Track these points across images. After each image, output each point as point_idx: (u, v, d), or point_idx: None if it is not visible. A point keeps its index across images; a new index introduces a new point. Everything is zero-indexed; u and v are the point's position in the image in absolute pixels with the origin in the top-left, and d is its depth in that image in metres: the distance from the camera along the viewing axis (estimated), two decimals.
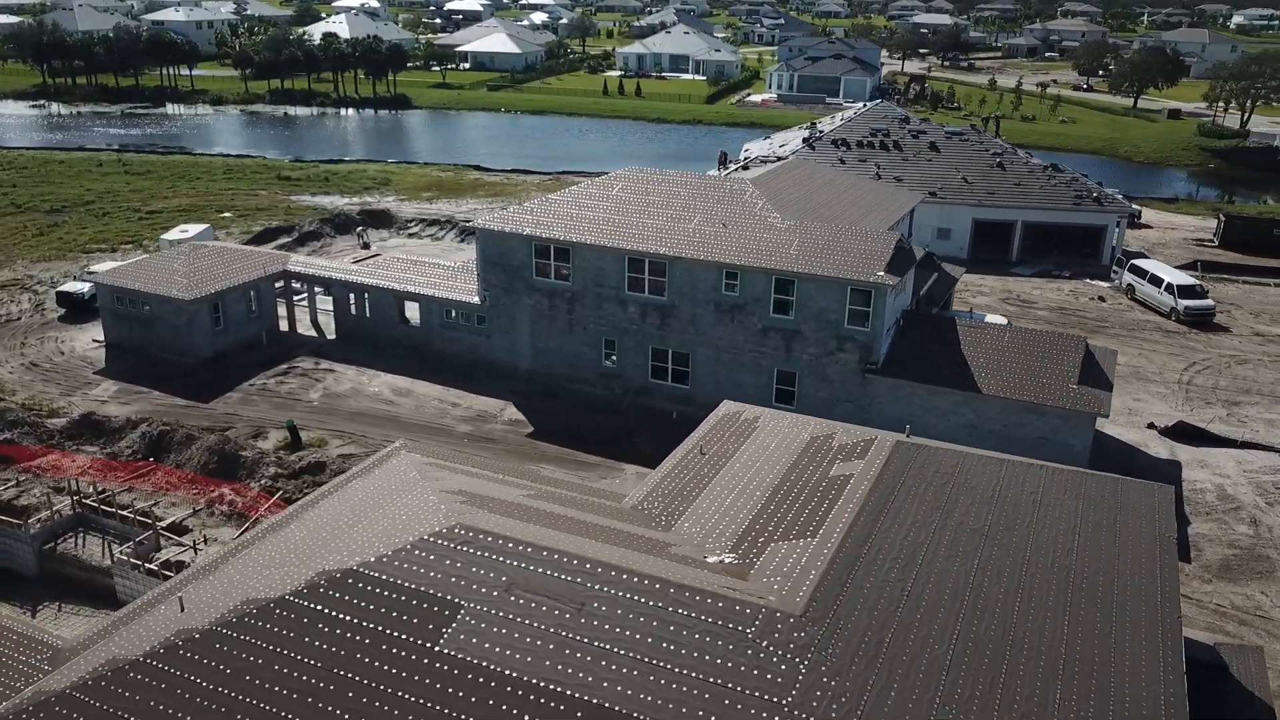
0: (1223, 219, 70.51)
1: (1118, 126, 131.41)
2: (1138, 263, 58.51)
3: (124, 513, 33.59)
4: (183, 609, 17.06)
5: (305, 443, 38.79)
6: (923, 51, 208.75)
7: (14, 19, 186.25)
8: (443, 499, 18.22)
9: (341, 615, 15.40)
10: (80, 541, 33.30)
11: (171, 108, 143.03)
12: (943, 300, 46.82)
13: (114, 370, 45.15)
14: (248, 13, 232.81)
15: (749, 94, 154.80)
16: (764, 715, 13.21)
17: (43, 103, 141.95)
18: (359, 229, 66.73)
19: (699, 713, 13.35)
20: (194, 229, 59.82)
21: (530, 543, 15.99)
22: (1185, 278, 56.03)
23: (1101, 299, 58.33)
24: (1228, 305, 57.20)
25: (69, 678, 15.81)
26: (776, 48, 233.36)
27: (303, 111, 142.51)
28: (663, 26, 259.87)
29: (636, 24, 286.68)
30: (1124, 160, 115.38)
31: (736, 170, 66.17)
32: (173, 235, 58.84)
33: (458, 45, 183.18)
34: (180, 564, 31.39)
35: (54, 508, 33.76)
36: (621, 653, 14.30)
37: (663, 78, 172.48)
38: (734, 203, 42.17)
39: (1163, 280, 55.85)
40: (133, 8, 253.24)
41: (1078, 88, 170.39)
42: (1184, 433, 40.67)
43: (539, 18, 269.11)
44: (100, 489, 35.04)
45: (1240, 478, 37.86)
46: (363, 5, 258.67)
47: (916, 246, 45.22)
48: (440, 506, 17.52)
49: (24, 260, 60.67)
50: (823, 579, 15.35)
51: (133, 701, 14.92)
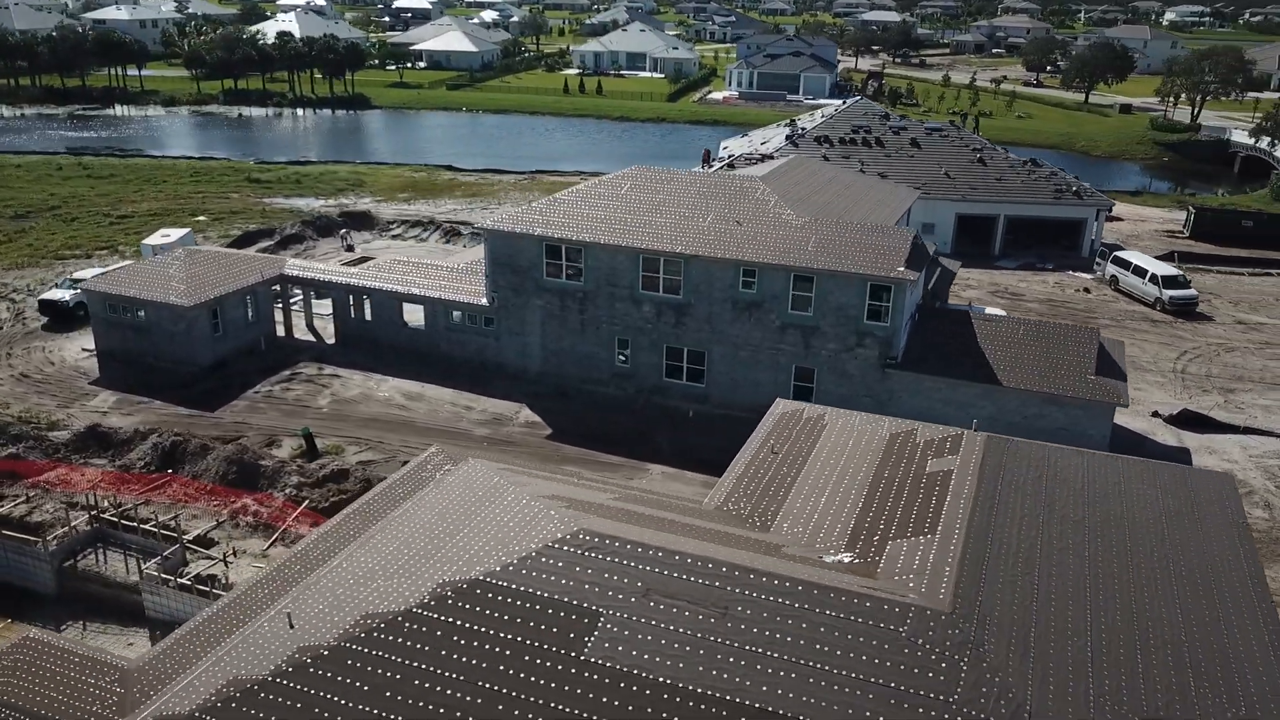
0: (1192, 211, 72.36)
1: (1072, 121, 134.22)
2: (1121, 254, 59.84)
3: (146, 526, 32.65)
4: (292, 625, 16.60)
5: (321, 450, 38.06)
6: (875, 49, 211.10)
7: None
8: (548, 504, 17.97)
9: (476, 626, 15.11)
10: (102, 558, 32.31)
11: (120, 109, 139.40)
12: (944, 295, 47.38)
13: (110, 380, 43.85)
14: (189, 11, 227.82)
15: (710, 91, 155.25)
16: (931, 713, 13.24)
17: None
18: (342, 231, 65.63)
19: (865, 713, 13.34)
20: (175, 233, 58.36)
21: (661, 547, 15.84)
22: (1169, 268, 57.44)
23: (1086, 290, 59.52)
24: (1207, 294, 58.69)
25: (191, 700, 15.29)
26: (735, 45, 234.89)
27: (258, 112, 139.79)
28: (614, 24, 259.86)
29: (588, 21, 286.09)
30: (1081, 154, 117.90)
31: (722, 168, 66.31)
32: (154, 240, 57.37)
33: (412, 44, 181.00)
34: (211, 578, 30.67)
35: (71, 523, 32.68)
36: (774, 655, 14.23)
37: (621, 75, 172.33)
38: (746, 200, 42.23)
39: (1147, 271, 57.16)
40: (67, 6, 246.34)
41: (1027, 83, 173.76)
42: (1189, 420, 41.65)
43: (489, 16, 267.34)
44: (117, 503, 34.00)
45: (1248, 463, 38.86)
46: (309, 4, 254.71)
47: (927, 241, 45.70)
48: (552, 513, 17.27)
49: None
50: (959, 576, 15.44)
51: None
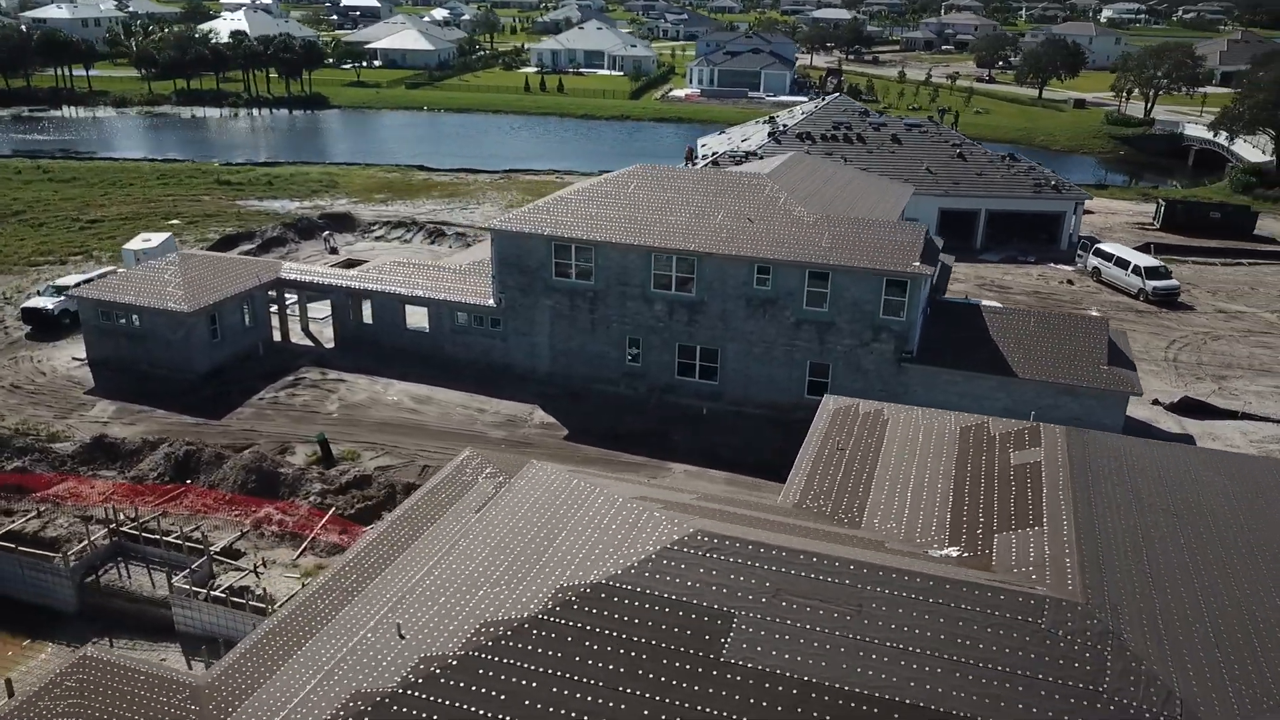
0: (1162, 203, 74.11)
1: (1029, 116, 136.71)
2: (1102, 246, 61.10)
3: (169, 538, 31.82)
4: (403, 636, 16.27)
5: (336, 456, 37.40)
6: (829, 46, 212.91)
7: None
8: (647, 507, 17.84)
9: (607, 630, 14.94)
10: (125, 572, 31.42)
11: (69, 110, 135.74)
12: (943, 289, 48.00)
13: (106, 389, 42.64)
14: (130, 9, 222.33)
15: (671, 89, 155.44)
16: (1083, 703, 13.39)
17: None
18: (325, 234, 64.53)
19: (1018, 705, 13.46)
20: (157, 238, 56.93)
21: (784, 547, 15.80)
22: (1150, 260, 58.77)
23: (1070, 282, 60.67)
24: (1186, 285, 60.13)
25: (315, 716, 14.89)
26: (690, 42, 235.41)
27: (212, 113, 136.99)
28: (567, 23, 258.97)
29: (539, 19, 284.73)
30: (1041, 148, 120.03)
31: (708, 166, 66.44)
32: (135, 245, 55.88)
33: (367, 43, 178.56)
34: (243, 589, 29.98)
35: (90, 538, 31.72)
36: (914, 650, 14.28)
37: (580, 73, 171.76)
38: (756, 198, 42.34)
39: (1129, 263, 58.44)
40: (1, 5, 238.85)
41: (979, 79, 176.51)
42: (1189, 407, 42.66)
43: (439, 14, 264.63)
44: (133, 516, 33.06)
45: (1249, 448, 39.91)
46: (254, 2, 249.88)
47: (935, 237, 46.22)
48: (657, 515, 17.13)
49: None
50: (1081, 567, 15.63)
51: None
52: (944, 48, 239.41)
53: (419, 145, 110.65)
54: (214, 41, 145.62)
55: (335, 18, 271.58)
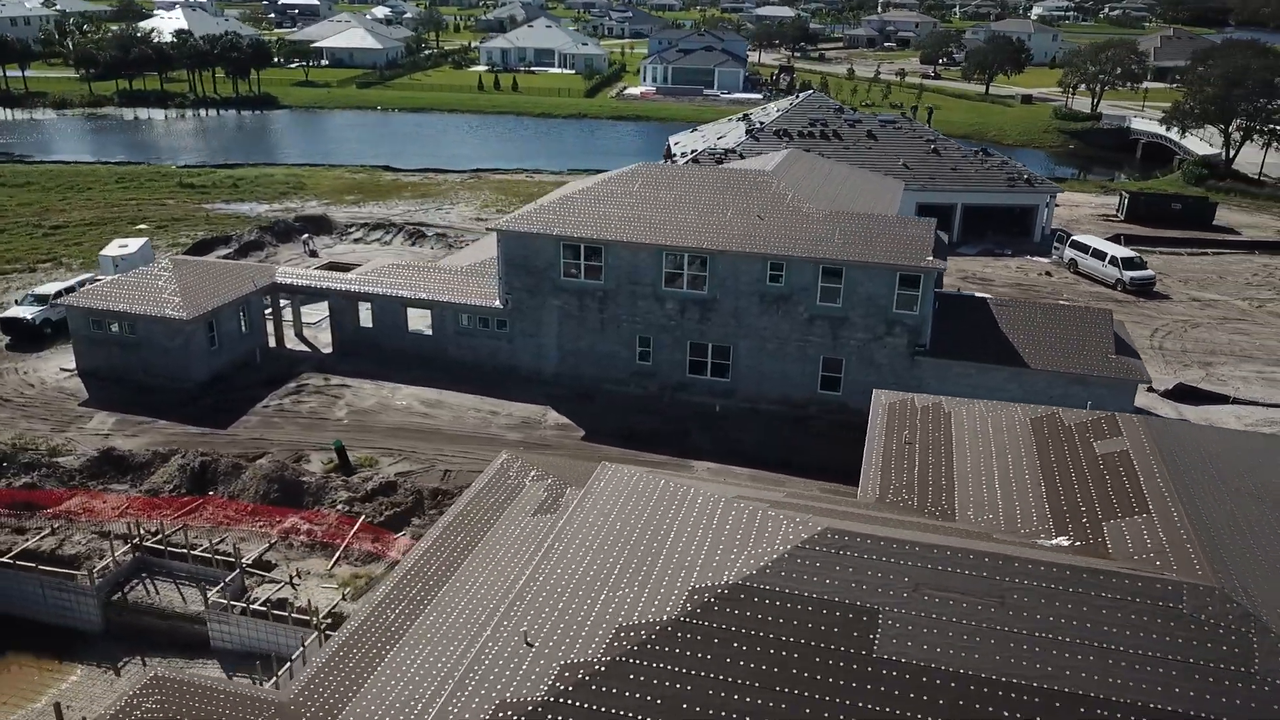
0: (1125, 195, 76.16)
1: (979, 112, 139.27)
2: (1078, 238, 62.59)
3: (196, 552, 30.97)
4: (530, 644, 16.04)
5: (354, 463, 36.76)
6: (776, 43, 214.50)
7: None
8: (758, 506, 17.85)
9: (754, 631, 14.92)
10: (152, 588, 30.49)
11: (5, 113, 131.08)
12: (941, 283, 48.69)
13: (102, 400, 41.33)
14: (60, 8, 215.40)
15: (626, 87, 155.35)
16: (1236, 685, 13.74)
17: None
18: (304, 237, 63.28)
19: (1173, 690, 13.76)
20: (134, 244, 55.36)
21: (917, 542, 15.94)
22: (1127, 250, 60.36)
23: (1048, 274, 62.04)
24: (1157, 274, 61.84)
25: None
26: (637, 40, 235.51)
27: (157, 114, 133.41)
28: (512, 21, 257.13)
29: (483, 17, 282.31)
30: (993, 143, 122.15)
31: (688, 165, 66.49)
32: (112, 251, 54.28)
33: (313, 41, 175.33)
34: (282, 601, 29.32)
35: (114, 554, 30.74)
36: (1062, 639, 14.51)
37: (532, 72, 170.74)
38: (763, 194, 42.54)
39: (1106, 254, 59.96)
40: None
41: (925, 76, 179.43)
42: (1183, 393, 43.93)
43: (380, 12, 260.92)
44: (153, 530, 32.12)
45: None
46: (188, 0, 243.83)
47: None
48: (777, 514, 17.15)
49: None
50: (1203, 552, 16.02)
51: None
52: (886, 44, 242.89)
53: (380, 145, 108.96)
54: (157, 41, 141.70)
55: (273, 16, 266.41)
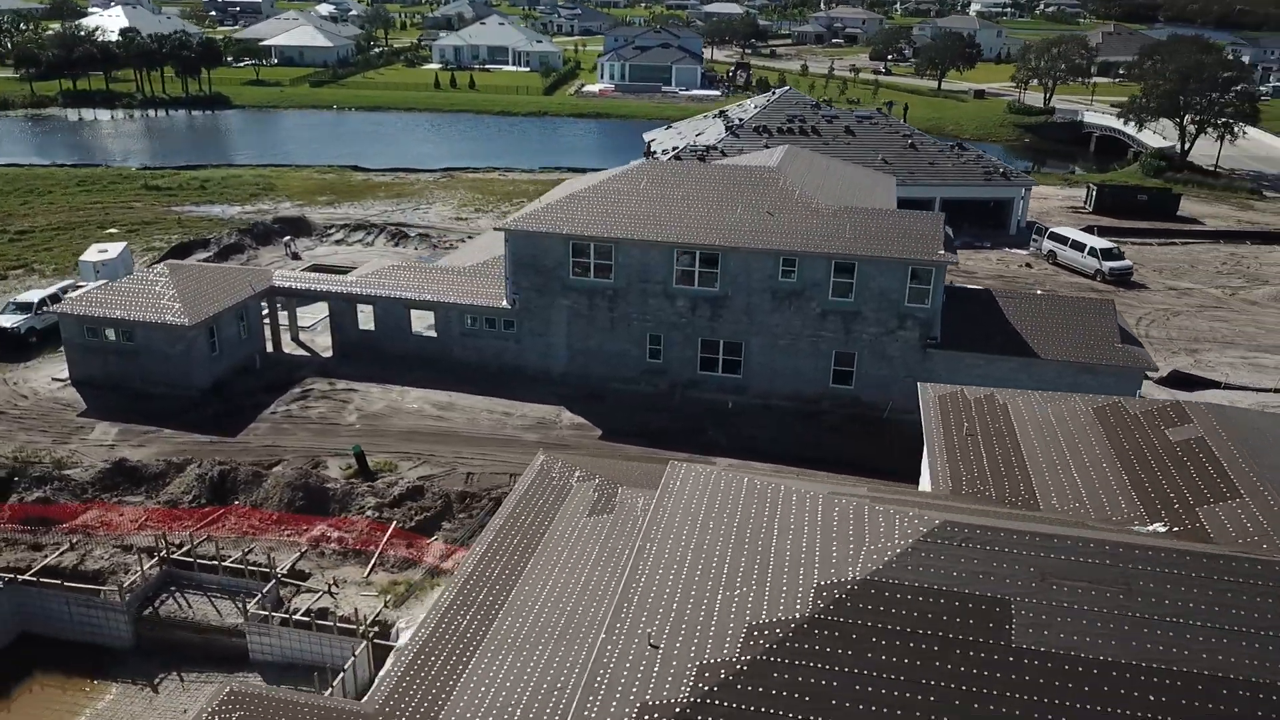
0: (1093, 188, 78.00)
1: (934, 107, 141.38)
2: (1056, 230, 63.96)
3: (228, 563, 30.29)
4: (655, 646, 15.96)
5: (373, 468, 36.20)
6: (727, 40, 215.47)
7: None
8: (864, 501, 17.99)
9: (892, 625, 15.03)
10: (184, 602, 29.74)
11: None
12: None
13: (101, 410, 40.13)
14: None
15: (583, 85, 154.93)
16: None
17: None
18: (285, 239, 62.10)
19: None
20: (114, 249, 53.87)
21: (1036, 533, 16.19)
22: (1105, 241, 61.82)
23: (1028, 265, 63.29)
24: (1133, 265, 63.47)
25: None
26: (585, 37, 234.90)
27: (104, 114, 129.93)
28: (460, 18, 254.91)
29: (430, 15, 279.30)
30: (952, 137, 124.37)
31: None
32: (92, 257, 52.76)
33: (261, 40, 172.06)
34: (323, 611, 28.83)
35: (143, 568, 29.93)
36: (1192, 623, 14.84)
37: (486, 70, 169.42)
38: (771, 191, 42.75)
39: (1085, 245, 61.35)
40: None
41: (876, 72, 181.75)
42: (1178, 380, 45.14)
43: (324, 9, 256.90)
44: (179, 542, 31.34)
45: None
46: None
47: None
48: (885, 509, 17.29)
49: None
50: None
51: None
52: (834, 41, 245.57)
53: (342, 145, 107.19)
54: (102, 39, 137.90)
55: (214, 14, 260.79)
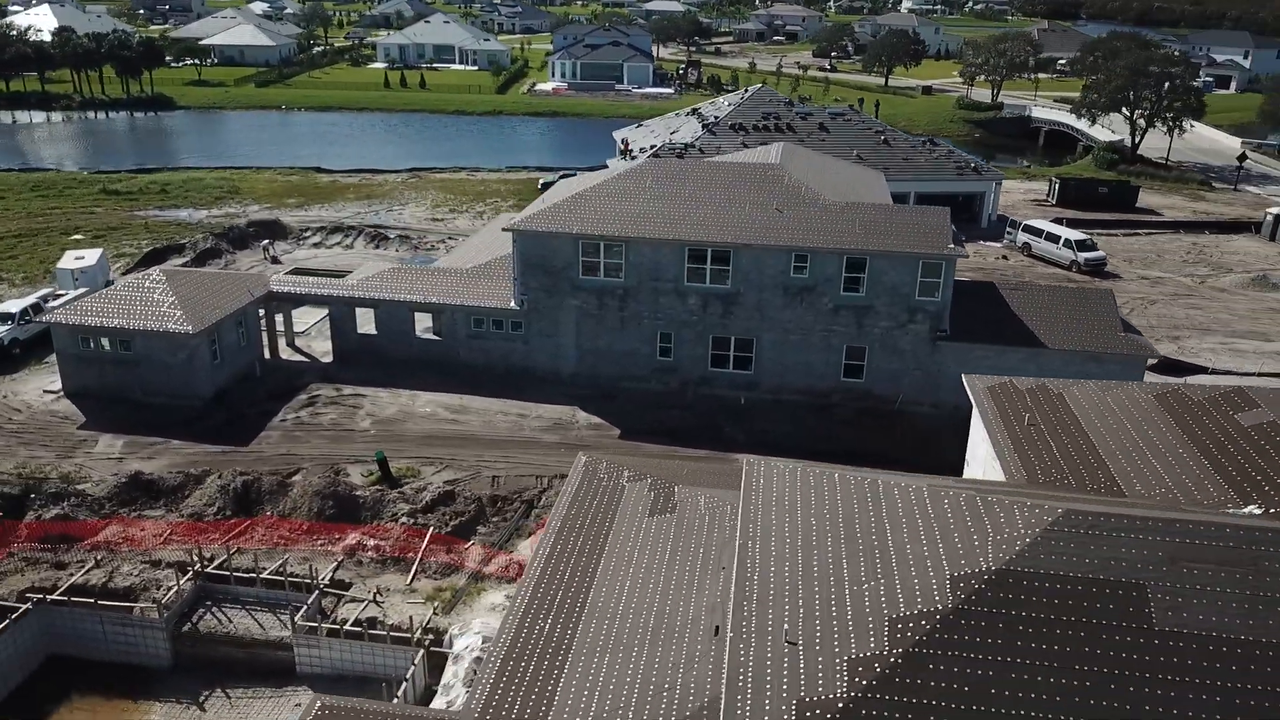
0: (1056, 181, 79.98)
1: (886, 103, 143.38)
2: (1030, 223, 65.51)
3: (266, 575, 29.59)
4: (793, 642, 16.03)
5: (396, 474, 35.65)
6: (673, 37, 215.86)
7: None
8: (973, 491, 18.27)
9: (1033, 614, 15.26)
10: (223, 616, 28.99)
11: None
12: None
13: (102, 423, 38.83)
14: None
15: (535, 83, 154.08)
16: None
17: None
18: (264, 243, 60.74)
19: None
20: (91, 255, 52.21)
21: (1158, 518, 16.60)
22: (1079, 233, 63.43)
23: (1004, 258, 64.67)
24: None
25: None
26: (534, 36, 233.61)
27: (39, 117, 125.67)
28: (399, 16, 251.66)
29: (368, 13, 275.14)
30: (904, 132, 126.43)
31: (648, 159, 66.54)
32: (69, 264, 51.11)
33: (200, 39, 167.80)
34: (372, 620, 28.33)
35: (179, 583, 29.09)
36: None
37: (433, 68, 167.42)
38: (778, 188, 43.03)
39: (1059, 237, 62.89)
40: None
41: (821, 69, 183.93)
42: (1167, 366, 46.54)
43: (258, 8, 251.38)
44: (211, 556, 30.52)
45: None
46: None
47: None
48: (1004, 500, 17.57)
49: None
50: None
51: None
52: (775, 38, 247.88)
53: (300, 146, 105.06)
54: (36, 39, 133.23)
55: (143, 12, 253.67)
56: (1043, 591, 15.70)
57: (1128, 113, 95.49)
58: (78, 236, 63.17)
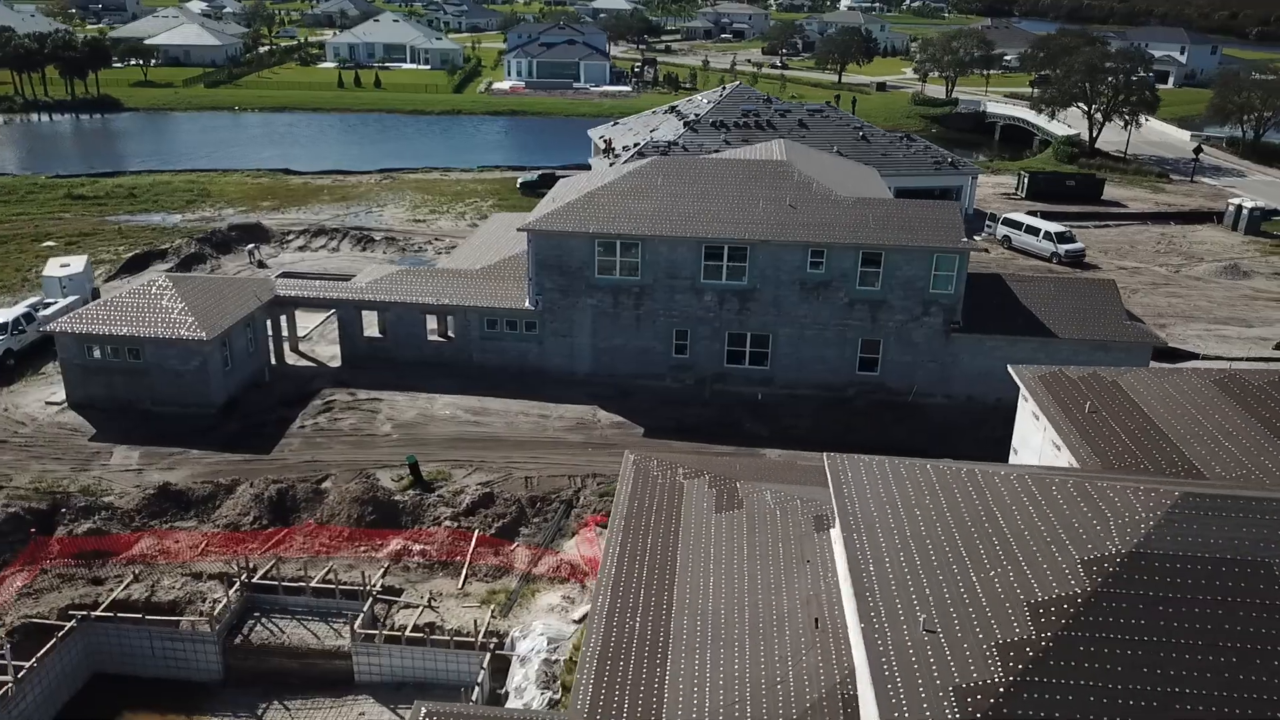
0: (1025, 175, 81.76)
1: (842, 100, 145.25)
2: (1010, 216, 66.94)
3: (317, 584, 29.12)
4: (931, 630, 16.30)
5: (427, 477, 35.28)
6: (624, 35, 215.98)
7: None
8: (1080, 479, 18.75)
9: (1170, 594, 15.69)
10: (274, 627, 28.46)
11: None
12: None
13: (114, 434, 37.79)
14: None
15: (491, 82, 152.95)
16: None
17: None
18: (249, 247, 59.51)
19: None
20: (75, 262, 50.68)
21: (1266, 498, 17.24)
22: (1058, 225, 64.96)
23: (986, 250, 65.89)
24: None
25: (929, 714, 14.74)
26: (481, 34, 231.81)
27: None
28: (342, 15, 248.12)
29: (310, 11, 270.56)
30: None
31: (632, 157, 66.57)
32: (55, 272, 49.48)
33: (143, 39, 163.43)
34: (431, 626, 28.07)
35: (228, 595, 28.49)
36: None
37: (385, 68, 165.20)
38: (789, 184, 43.38)
39: (1039, 229, 64.37)
40: None
41: (773, 66, 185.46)
42: (1162, 354, 47.83)
43: (196, 6, 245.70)
44: (252, 565, 29.94)
45: None
46: None
47: None
48: (1117, 485, 18.06)
49: None
50: None
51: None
52: (723, 36, 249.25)
53: (261, 148, 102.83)
54: None
55: (74, 11, 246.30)
56: (1175, 572, 16.16)
57: (1085, 107, 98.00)
58: (50, 243, 61.27)
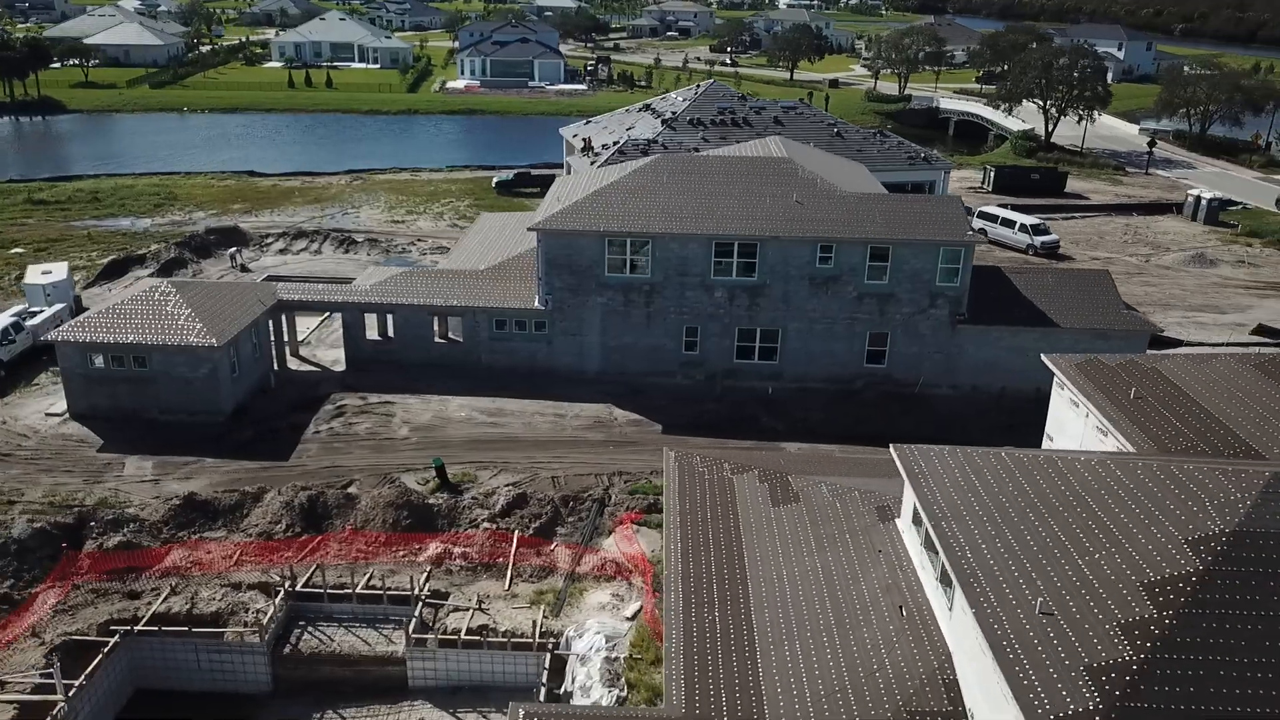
0: (991, 169, 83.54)
1: (796, 97, 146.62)
2: (985, 209, 68.32)
3: (362, 590, 28.76)
4: (1047, 613, 16.71)
5: (454, 480, 35.00)
6: (573, 34, 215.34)
7: None
8: (1164, 462, 19.36)
9: (1270, 569, 16.45)
10: (323, 635, 28.05)
11: None
12: None
13: (123, 444, 36.80)
14: None
15: (445, 81, 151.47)
16: None
17: None
18: (232, 251, 58.24)
19: None
20: (57, 268, 49.20)
21: None
22: (1033, 218, 66.48)
23: None
24: None
25: (1076, 706, 15.12)
26: (426, 33, 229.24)
27: None
28: (282, 13, 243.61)
29: (248, 9, 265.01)
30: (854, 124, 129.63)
31: (612, 157, 66.51)
32: (37, 279, 47.96)
33: (80, 38, 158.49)
34: (483, 628, 27.92)
35: (275, 605, 27.99)
36: None
37: (335, 67, 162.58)
38: (792, 180, 43.81)
39: (1015, 222, 65.84)
40: None
41: (722, 63, 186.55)
42: (1154, 341, 49.29)
43: (131, 4, 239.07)
44: (295, 573, 29.47)
45: None
46: None
47: None
48: (1205, 467, 18.69)
49: None
50: None
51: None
52: (669, 34, 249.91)
53: (220, 150, 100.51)
54: None
55: (2, 10, 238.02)
56: (1266, 549, 16.82)
57: (1041, 103, 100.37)
58: (19, 250, 59.37)
